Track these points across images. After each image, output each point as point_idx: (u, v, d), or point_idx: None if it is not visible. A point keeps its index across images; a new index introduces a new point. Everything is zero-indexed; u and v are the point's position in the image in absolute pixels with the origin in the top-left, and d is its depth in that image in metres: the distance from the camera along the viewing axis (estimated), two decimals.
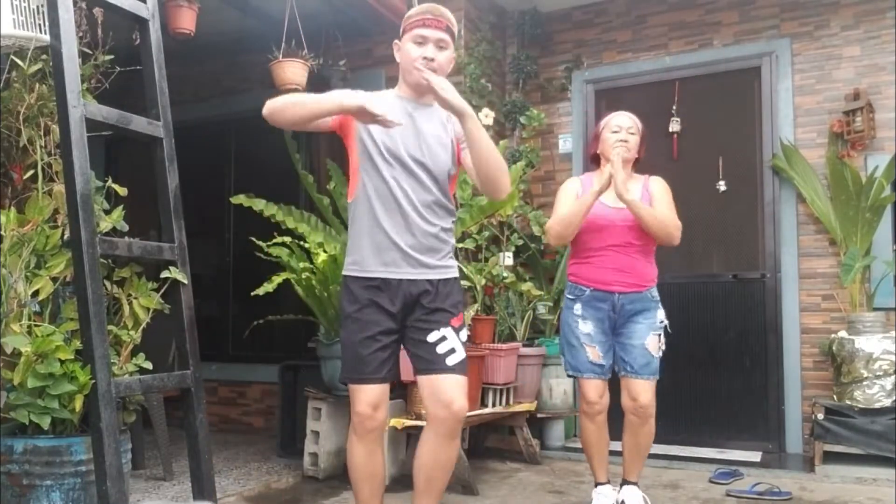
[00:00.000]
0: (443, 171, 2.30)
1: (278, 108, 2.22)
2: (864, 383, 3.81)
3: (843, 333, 3.97)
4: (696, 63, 4.71)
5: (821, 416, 3.88)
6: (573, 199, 3.04)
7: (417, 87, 2.28)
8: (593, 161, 3.20)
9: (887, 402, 3.77)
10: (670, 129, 4.69)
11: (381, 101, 2.19)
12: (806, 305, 4.36)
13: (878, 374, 3.79)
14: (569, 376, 3.15)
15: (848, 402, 3.86)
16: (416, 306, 2.29)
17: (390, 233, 2.25)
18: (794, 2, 4.49)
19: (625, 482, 3.11)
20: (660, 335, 3.00)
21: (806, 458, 4.13)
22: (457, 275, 2.39)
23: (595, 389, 3.01)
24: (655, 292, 3.04)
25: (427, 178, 2.27)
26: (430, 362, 2.25)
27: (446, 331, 2.27)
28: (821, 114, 4.39)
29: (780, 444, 4.35)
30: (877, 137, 4.21)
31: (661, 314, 3.02)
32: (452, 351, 2.26)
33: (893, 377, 3.78)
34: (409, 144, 2.26)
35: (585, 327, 3.01)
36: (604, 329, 3.02)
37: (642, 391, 2.94)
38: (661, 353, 3.00)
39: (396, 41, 2.33)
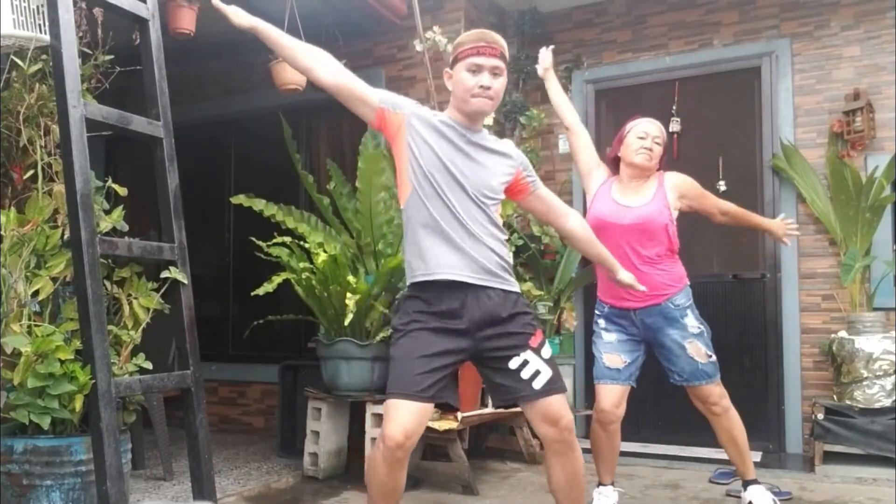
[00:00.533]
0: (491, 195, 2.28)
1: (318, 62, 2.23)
2: (864, 383, 3.81)
3: (843, 333, 3.97)
4: (696, 63, 4.71)
5: (821, 416, 3.88)
6: (600, 167, 3.13)
7: (473, 116, 2.26)
8: (613, 164, 3.13)
9: (887, 402, 3.77)
10: (670, 129, 4.67)
11: (430, 119, 2.25)
12: (806, 305, 4.35)
13: (878, 374, 3.79)
14: (594, 379, 3.08)
15: (848, 402, 3.86)
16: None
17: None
18: (795, 2, 4.49)
19: (745, 482, 3.10)
20: (698, 342, 2.93)
21: (806, 458, 4.13)
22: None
23: (609, 396, 2.96)
24: (680, 299, 2.95)
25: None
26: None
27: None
28: (821, 114, 4.39)
29: (780, 444, 4.35)
30: (877, 137, 4.21)
31: (691, 322, 2.94)
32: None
33: (893, 377, 3.78)
34: (464, 170, 2.24)
35: (608, 337, 3.01)
36: (633, 341, 2.99)
37: (704, 393, 2.95)
38: (712, 358, 2.96)
39: (448, 69, 2.30)
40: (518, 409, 4.07)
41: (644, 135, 2.99)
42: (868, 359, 3.79)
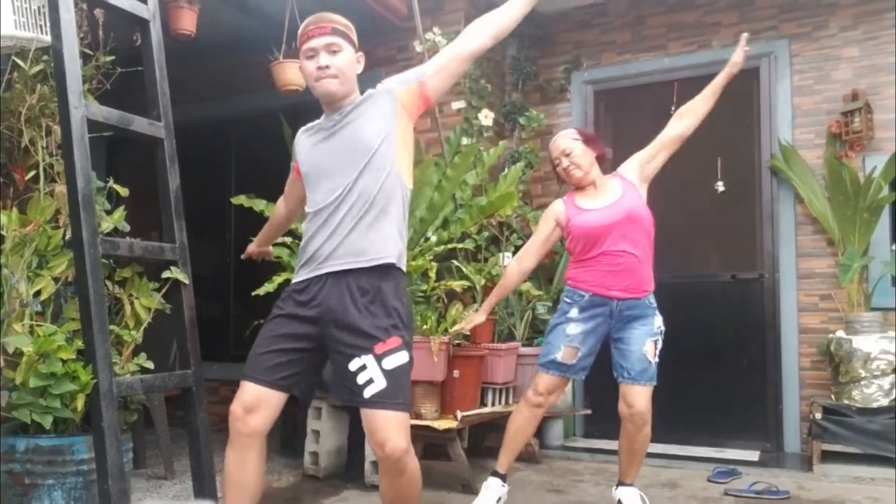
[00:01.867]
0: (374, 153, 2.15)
1: None
2: (862, 383, 3.82)
3: (840, 333, 3.98)
4: (695, 64, 4.71)
5: (819, 415, 3.89)
6: (551, 227, 3.08)
7: (326, 100, 2.20)
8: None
9: (885, 402, 3.78)
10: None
11: (305, 129, 2.28)
12: (804, 305, 4.37)
13: (875, 373, 3.80)
14: (539, 364, 3.08)
15: (846, 401, 3.87)
16: None
17: None
18: (793, 3, 4.50)
19: (621, 483, 3.12)
20: (657, 341, 2.98)
21: (804, 457, 4.14)
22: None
23: (546, 384, 3.01)
24: (653, 299, 3.00)
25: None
26: None
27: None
28: (819, 114, 4.40)
29: (779, 443, 4.37)
30: (875, 138, 4.22)
31: (658, 321, 2.99)
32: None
33: (891, 377, 3.79)
34: (331, 154, 2.19)
35: (574, 329, 2.97)
36: (598, 334, 2.99)
37: (638, 397, 2.92)
38: (657, 360, 2.98)
39: (300, 65, 2.23)
40: None
41: (557, 161, 3.03)
42: (866, 358, 3.80)
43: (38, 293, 2.44)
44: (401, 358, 2.04)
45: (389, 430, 2.01)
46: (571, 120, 5.02)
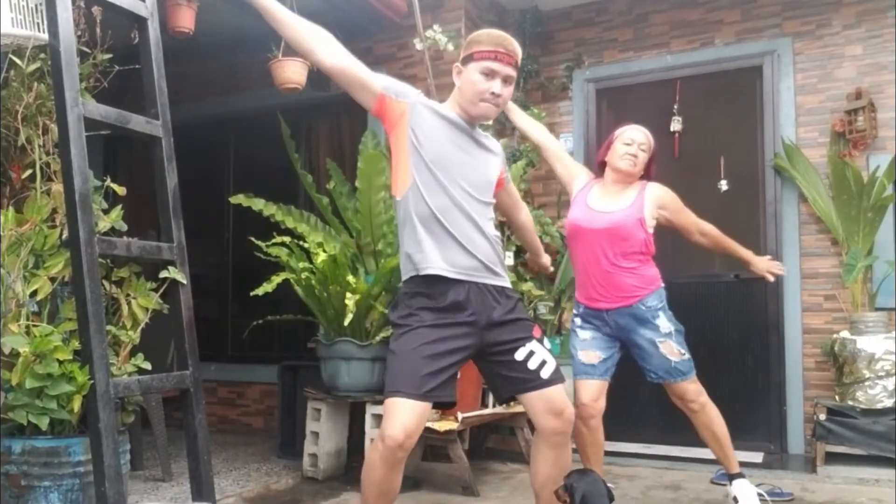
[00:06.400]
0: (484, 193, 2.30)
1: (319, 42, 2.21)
2: (867, 384, 3.80)
3: (845, 334, 3.96)
4: (698, 62, 4.70)
5: (823, 416, 3.87)
6: (574, 165, 3.27)
7: (476, 118, 2.25)
8: (600, 167, 3.17)
9: (889, 403, 3.75)
10: (671, 129, 4.67)
11: (438, 110, 2.23)
12: (808, 305, 4.34)
13: (880, 374, 3.77)
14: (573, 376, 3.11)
15: (850, 402, 3.85)
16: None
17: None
18: (796, 1, 4.48)
19: (729, 475, 3.12)
20: (669, 342, 2.95)
21: (808, 458, 4.12)
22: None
23: (587, 391, 3.00)
24: (651, 301, 2.96)
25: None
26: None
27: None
28: (822, 113, 4.37)
29: (782, 444, 4.34)
30: (879, 137, 4.20)
31: (663, 323, 2.96)
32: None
33: (895, 377, 3.77)
34: (467, 165, 2.25)
35: (584, 335, 3.06)
36: (605, 338, 3.03)
37: (682, 391, 2.99)
38: (685, 356, 2.98)
39: (458, 64, 2.25)
40: (518, 410, 4.07)
41: (630, 141, 3.03)
42: (870, 359, 3.78)
43: (34, 293, 2.42)
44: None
45: (565, 399, 2.22)
46: (573, 118, 5.00)
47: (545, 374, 2.19)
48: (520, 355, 2.19)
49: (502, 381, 2.27)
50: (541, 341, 2.25)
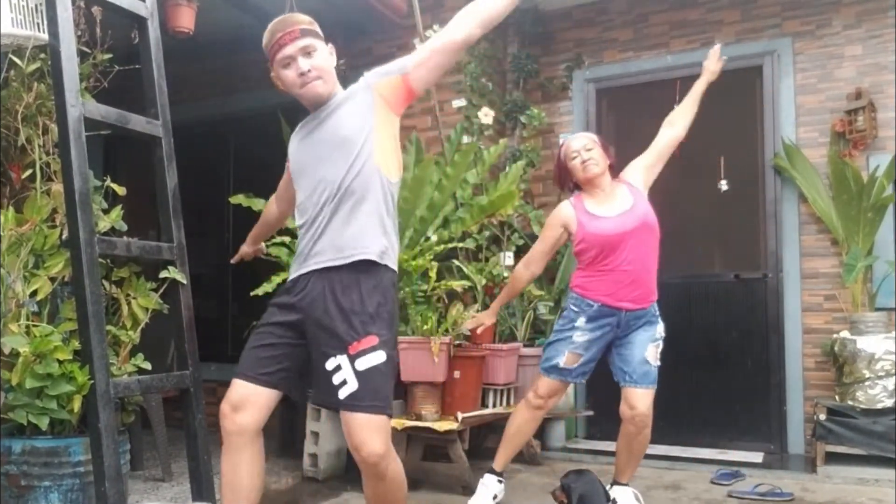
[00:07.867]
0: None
1: None
2: (867, 384, 3.80)
3: (845, 334, 3.95)
4: (698, 62, 4.58)
5: (823, 416, 3.87)
6: (559, 234, 3.08)
7: (314, 102, 2.15)
8: (575, 188, 3.15)
9: (889, 403, 3.75)
10: None
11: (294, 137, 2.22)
12: (808, 305, 4.34)
13: (880, 374, 3.77)
14: (541, 368, 3.12)
15: (850, 402, 3.84)
16: None
17: None
18: (796, 1, 4.48)
19: (616, 483, 3.13)
20: (658, 345, 3.01)
21: (808, 458, 4.12)
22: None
23: (547, 387, 3.07)
24: (656, 307, 3.05)
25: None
26: None
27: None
28: (823, 113, 4.37)
29: (782, 444, 4.34)
30: (879, 137, 4.20)
31: (660, 328, 3.03)
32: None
33: (895, 377, 3.77)
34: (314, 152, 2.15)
35: (580, 337, 3.00)
36: (603, 342, 3.01)
37: (641, 400, 2.94)
38: (658, 364, 3.01)
39: (272, 73, 2.16)
40: None
41: (575, 154, 3.04)
42: (870, 359, 3.78)
43: (34, 293, 2.42)
44: (376, 358, 1.96)
45: (364, 433, 1.95)
46: (573, 118, 5.00)
47: (341, 395, 1.97)
48: (328, 365, 2.00)
49: (317, 384, 2.12)
50: (354, 358, 1.98)
